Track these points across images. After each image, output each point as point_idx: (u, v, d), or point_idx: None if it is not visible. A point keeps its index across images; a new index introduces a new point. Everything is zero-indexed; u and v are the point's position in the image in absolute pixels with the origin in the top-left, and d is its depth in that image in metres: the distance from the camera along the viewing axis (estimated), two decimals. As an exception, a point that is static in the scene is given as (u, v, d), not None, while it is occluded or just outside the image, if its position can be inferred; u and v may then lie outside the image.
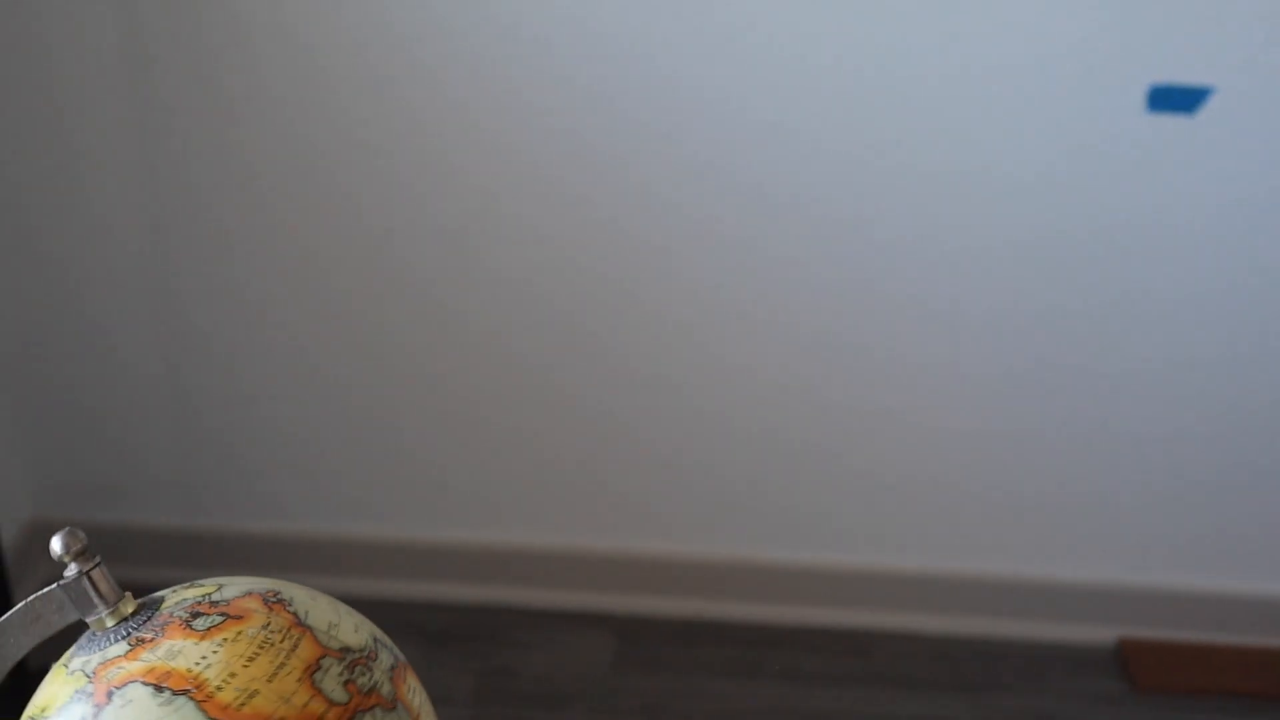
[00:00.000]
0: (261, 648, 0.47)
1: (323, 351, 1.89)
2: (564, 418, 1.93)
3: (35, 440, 1.92)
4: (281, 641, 0.47)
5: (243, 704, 0.45)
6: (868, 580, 2.02)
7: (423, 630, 1.97)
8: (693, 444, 1.95)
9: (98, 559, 0.49)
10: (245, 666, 0.46)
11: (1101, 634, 2.02)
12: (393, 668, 0.49)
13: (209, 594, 0.49)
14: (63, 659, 0.49)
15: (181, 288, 1.85)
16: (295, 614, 0.49)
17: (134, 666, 0.46)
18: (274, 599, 0.48)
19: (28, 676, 0.54)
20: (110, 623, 0.49)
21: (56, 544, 0.48)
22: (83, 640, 0.49)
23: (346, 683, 0.48)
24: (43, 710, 0.46)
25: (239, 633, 0.47)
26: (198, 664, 0.46)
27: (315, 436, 1.95)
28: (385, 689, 0.48)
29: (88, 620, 0.49)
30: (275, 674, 0.46)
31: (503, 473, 1.97)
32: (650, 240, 1.80)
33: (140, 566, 2.01)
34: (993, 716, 1.91)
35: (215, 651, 0.46)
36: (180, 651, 0.46)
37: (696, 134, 1.72)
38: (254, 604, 0.48)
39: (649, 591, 2.05)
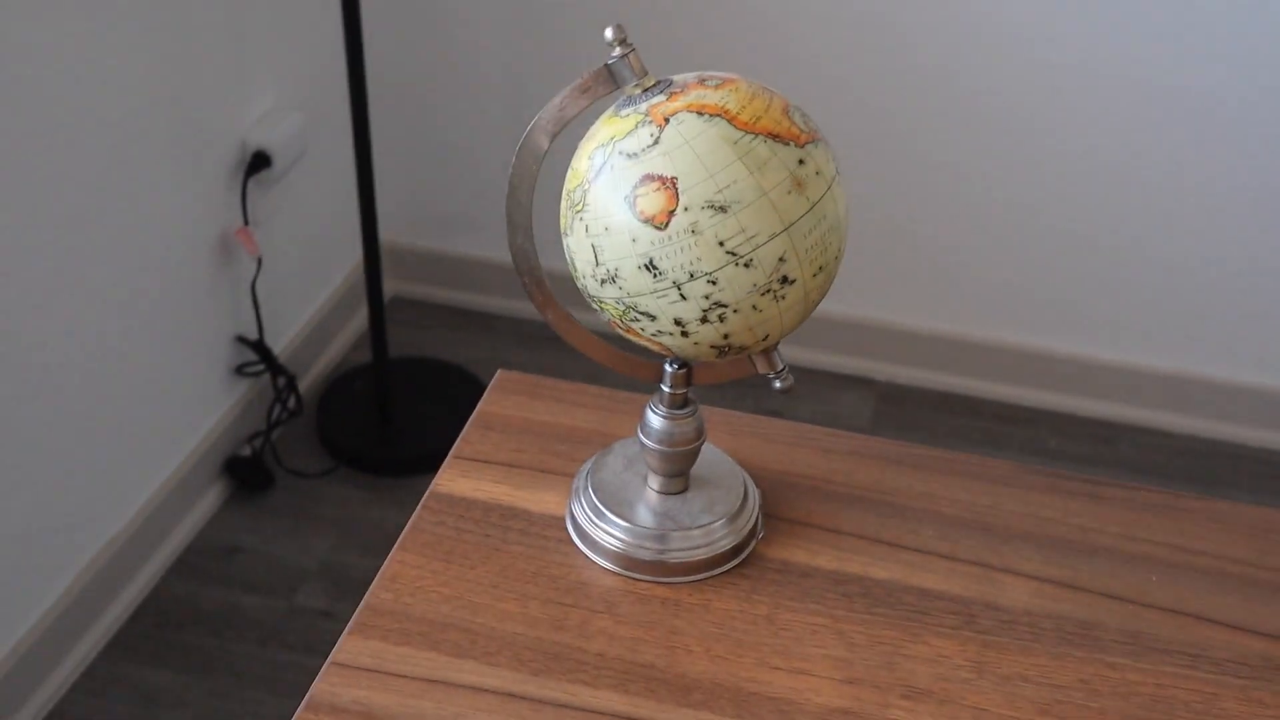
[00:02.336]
0: (755, 95, 0.69)
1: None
2: (862, 194, 2.09)
3: (389, 170, 2.20)
4: (764, 94, 0.69)
5: (756, 121, 0.67)
6: (1119, 374, 2.14)
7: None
8: (965, 232, 2.09)
9: (633, 46, 0.70)
10: (750, 103, 0.68)
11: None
12: None
13: (700, 74, 0.71)
14: (604, 118, 0.71)
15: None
16: (763, 85, 0.70)
17: (677, 104, 0.68)
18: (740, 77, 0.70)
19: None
20: (638, 91, 0.71)
21: (609, 32, 0.70)
22: (620, 103, 0.71)
23: (805, 121, 0.69)
24: (612, 138, 0.69)
25: (737, 87, 0.69)
26: (720, 101, 0.68)
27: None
28: (820, 131, 0.70)
29: (625, 88, 0.71)
30: (768, 109, 0.68)
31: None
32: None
33: (474, 293, 2.31)
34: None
35: (729, 95, 0.68)
36: (705, 96, 0.68)
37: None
38: (734, 76, 0.70)
39: (911, 363, 2.22)
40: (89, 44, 1.51)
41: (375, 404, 2.06)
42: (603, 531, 0.80)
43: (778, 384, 0.75)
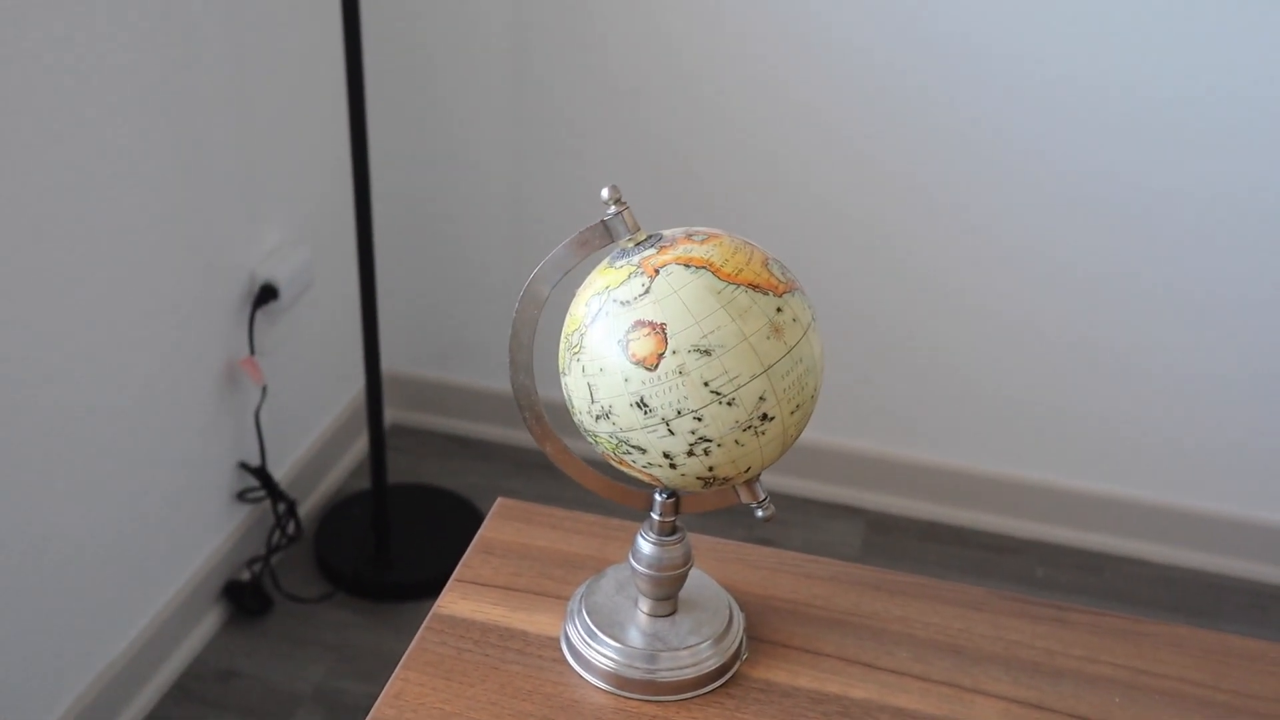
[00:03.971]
0: (738, 249, 0.76)
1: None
2: (851, 330, 2.18)
3: (391, 302, 2.28)
4: (745, 248, 0.76)
5: (739, 273, 0.74)
6: (1105, 505, 2.20)
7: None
8: (954, 366, 2.17)
9: (626, 205, 0.77)
10: (733, 256, 0.75)
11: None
12: None
13: (688, 229, 0.78)
14: (600, 269, 0.78)
15: (531, 173, 2.18)
16: (744, 239, 0.77)
17: (666, 258, 0.75)
18: (724, 232, 0.77)
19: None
20: (631, 245, 0.78)
21: (606, 192, 0.77)
22: (614, 255, 0.78)
23: (783, 273, 0.76)
24: (606, 287, 0.75)
25: (720, 242, 0.76)
26: (706, 254, 0.75)
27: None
28: (798, 281, 0.76)
29: (619, 241, 0.78)
30: (749, 262, 0.75)
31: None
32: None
33: (472, 422, 2.36)
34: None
35: (714, 249, 0.75)
36: (692, 250, 0.75)
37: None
38: (720, 231, 0.77)
39: (900, 493, 2.27)
40: (107, 181, 1.59)
41: (373, 530, 2.10)
42: (595, 651, 0.84)
43: (760, 513, 0.81)
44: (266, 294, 1.94)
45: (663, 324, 0.73)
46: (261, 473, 2.00)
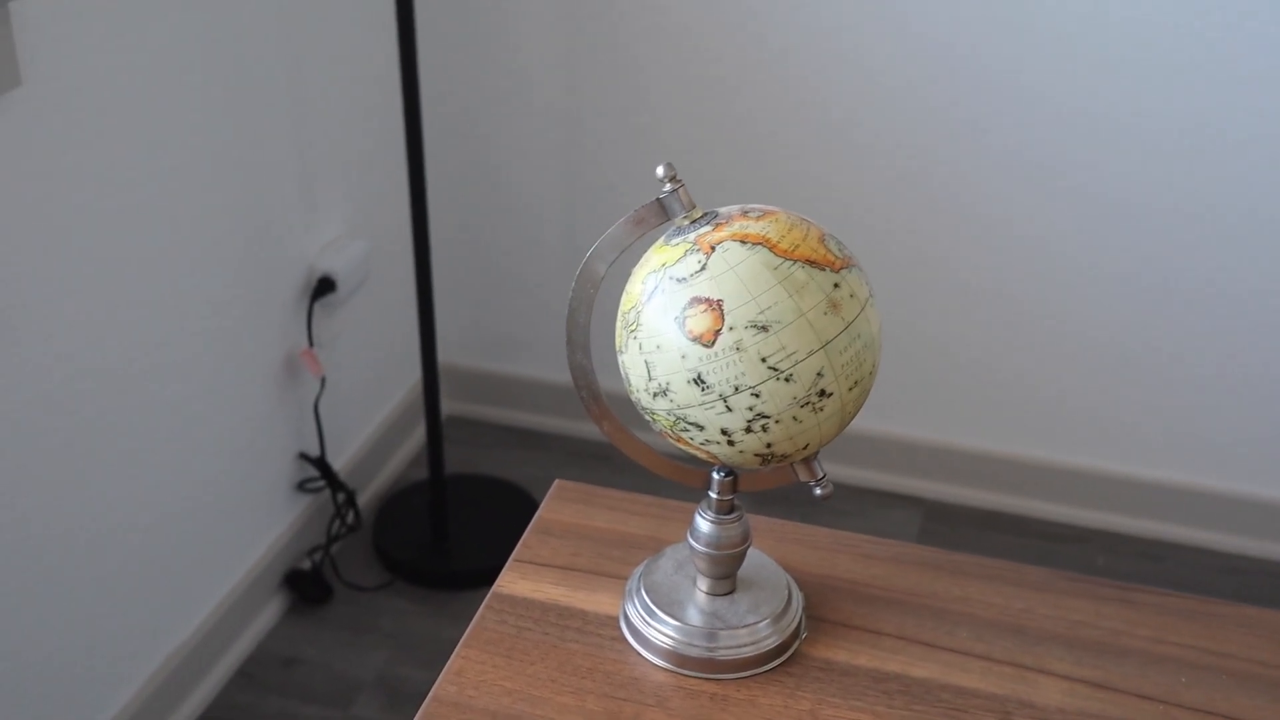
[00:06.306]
0: (794, 226, 0.75)
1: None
2: (909, 319, 2.17)
3: (447, 294, 2.29)
4: (802, 225, 0.76)
5: (795, 248, 0.74)
6: (1166, 493, 2.17)
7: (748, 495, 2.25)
8: (1012, 352, 2.15)
9: (681, 182, 0.77)
10: (789, 232, 0.75)
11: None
12: None
13: (743, 206, 0.77)
14: (656, 247, 0.78)
15: (591, 153, 2.18)
16: (800, 215, 0.77)
17: (722, 234, 0.75)
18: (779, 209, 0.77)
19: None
20: (687, 222, 0.78)
21: (660, 170, 0.77)
22: (670, 233, 0.78)
23: (840, 248, 0.76)
24: (663, 264, 0.75)
25: (777, 219, 0.76)
26: (762, 230, 0.75)
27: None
28: (854, 257, 0.76)
29: (675, 219, 0.78)
30: (805, 238, 0.75)
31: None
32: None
33: (528, 413, 2.37)
34: None
35: (770, 225, 0.75)
36: (748, 227, 0.75)
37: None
38: (774, 209, 0.77)
39: (958, 481, 2.26)
40: (166, 175, 1.61)
41: (431, 519, 2.12)
42: (655, 630, 0.84)
43: (818, 491, 0.81)
44: (324, 286, 1.96)
45: (719, 300, 0.73)
46: (321, 463, 2.02)
